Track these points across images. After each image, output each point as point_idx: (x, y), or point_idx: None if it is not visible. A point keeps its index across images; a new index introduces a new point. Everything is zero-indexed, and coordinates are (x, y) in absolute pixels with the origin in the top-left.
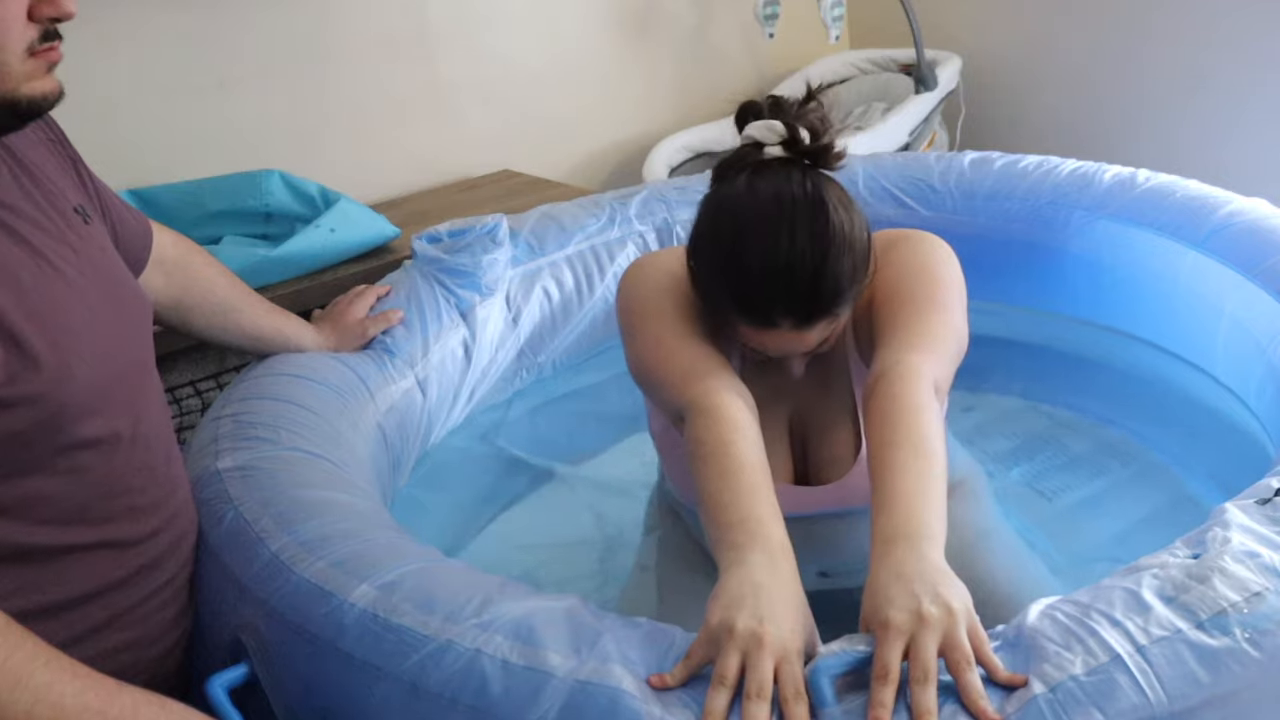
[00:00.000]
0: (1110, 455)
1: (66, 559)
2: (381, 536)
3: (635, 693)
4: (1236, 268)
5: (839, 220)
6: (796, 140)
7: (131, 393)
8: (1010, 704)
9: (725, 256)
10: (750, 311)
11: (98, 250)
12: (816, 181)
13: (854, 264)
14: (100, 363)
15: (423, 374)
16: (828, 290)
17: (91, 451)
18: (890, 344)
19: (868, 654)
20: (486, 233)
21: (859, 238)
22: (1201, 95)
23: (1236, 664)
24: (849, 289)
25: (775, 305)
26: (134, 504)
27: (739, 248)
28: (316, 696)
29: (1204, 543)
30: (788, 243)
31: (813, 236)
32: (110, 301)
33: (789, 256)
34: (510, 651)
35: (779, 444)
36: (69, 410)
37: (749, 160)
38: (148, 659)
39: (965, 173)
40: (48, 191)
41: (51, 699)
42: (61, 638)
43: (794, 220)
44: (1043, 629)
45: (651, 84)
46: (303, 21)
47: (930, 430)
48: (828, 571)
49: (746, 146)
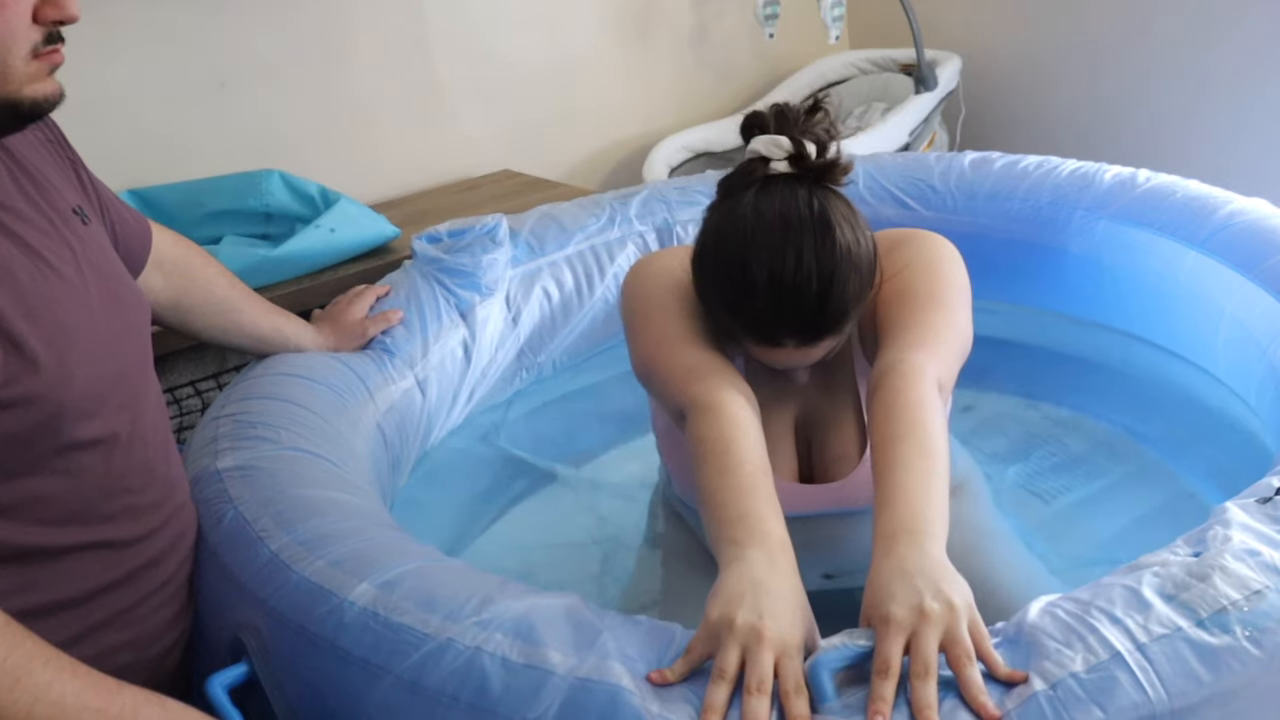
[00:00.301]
0: (1110, 455)
1: (65, 559)
2: (381, 536)
3: (635, 690)
4: (1237, 268)
5: (845, 241)
6: (803, 156)
7: (130, 393)
8: (1010, 700)
9: (731, 275)
10: (755, 330)
11: (97, 251)
12: (823, 200)
13: (860, 282)
14: (99, 364)
15: (422, 374)
16: (833, 311)
17: (90, 452)
18: (894, 342)
19: (868, 649)
20: (486, 233)
21: (865, 255)
22: (1202, 95)
23: (1237, 662)
24: (854, 307)
25: (781, 326)
26: (132, 504)
27: (745, 268)
28: (317, 695)
29: (1205, 541)
30: (794, 264)
31: (819, 258)
32: (109, 302)
33: (795, 279)
34: (510, 649)
35: (784, 442)
36: (68, 411)
37: (756, 175)
38: (147, 658)
39: (966, 173)
40: (46, 193)
41: (51, 698)
42: (60, 637)
43: (800, 242)
44: (1043, 626)
45: (651, 84)
46: (303, 22)
47: (933, 427)
48: (832, 573)
49: (753, 161)
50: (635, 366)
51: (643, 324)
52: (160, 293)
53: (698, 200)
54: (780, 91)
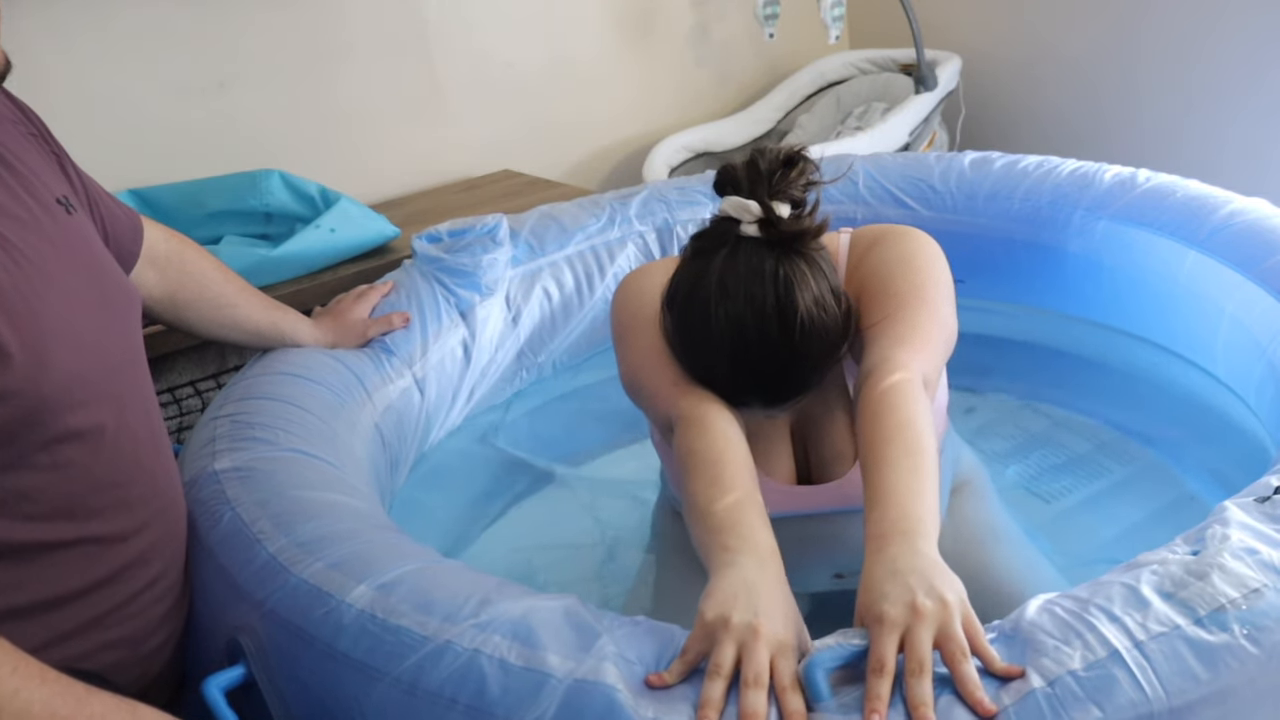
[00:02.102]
0: (1110, 455)
1: (53, 555)
2: (380, 538)
3: (633, 692)
4: (1237, 267)
5: (809, 313)
6: (772, 222)
7: (116, 384)
8: (1007, 695)
9: (695, 343)
10: (719, 392)
11: (80, 241)
12: (789, 270)
13: (825, 348)
14: (81, 354)
15: (421, 374)
16: (794, 383)
17: (75, 445)
18: (878, 341)
19: (862, 648)
20: (486, 232)
21: (831, 323)
22: (1202, 95)
23: (1235, 660)
24: (817, 375)
25: (742, 395)
26: (121, 498)
27: (708, 338)
28: (314, 698)
29: (1203, 539)
30: (756, 340)
31: (781, 333)
32: (92, 292)
33: (758, 352)
34: (508, 651)
35: (781, 446)
36: (49, 403)
37: (727, 236)
38: (137, 657)
39: (966, 173)
40: (27, 182)
41: (17, 707)
42: (46, 636)
43: (762, 318)
44: (1041, 624)
45: (651, 84)
46: (303, 21)
47: (919, 425)
48: (843, 572)
49: (724, 220)
50: (623, 380)
51: (631, 339)
52: (154, 288)
53: (698, 200)
54: (780, 91)
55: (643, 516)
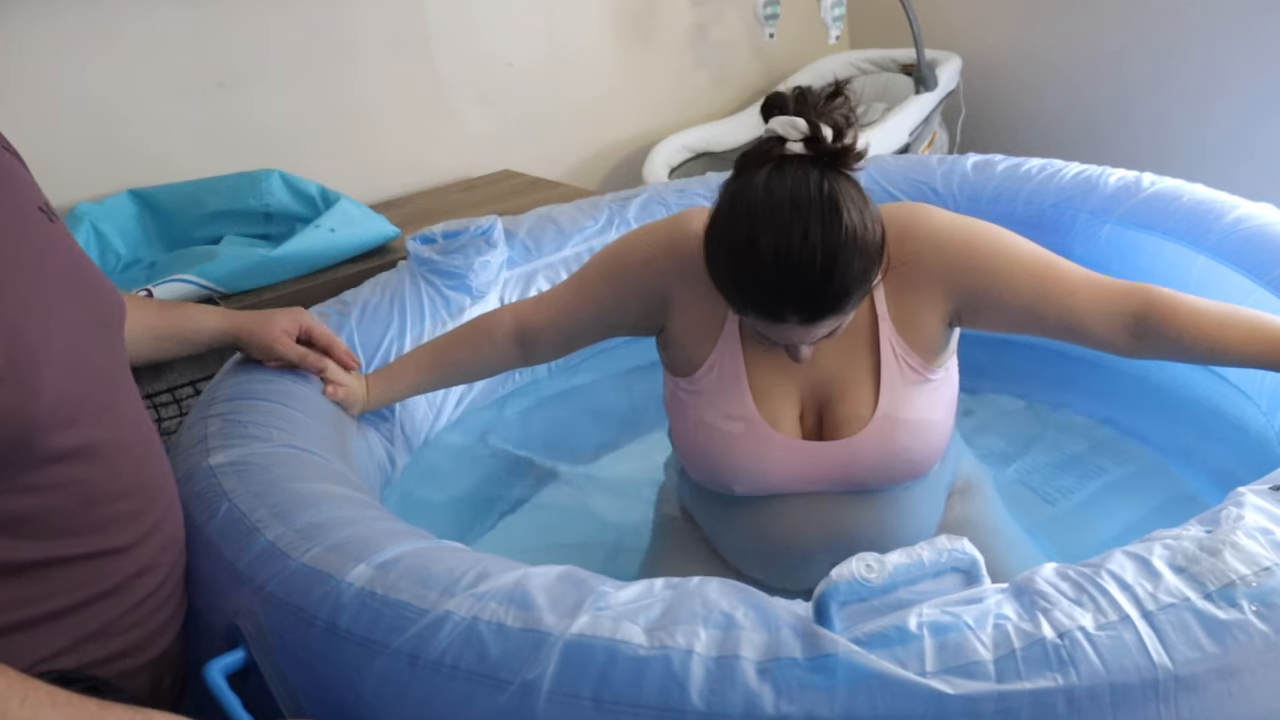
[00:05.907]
0: (1111, 455)
1: (57, 571)
2: (378, 524)
3: (633, 641)
4: (1244, 272)
5: (852, 223)
6: (818, 139)
7: (107, 397)
8: (1017, 639)
9: (738, 250)
10: (759, 305)
11: (63, 251)
12: (834, 183)
13: (864, 265)
14: (69, 370)
15: None
16: (836, 291)
17: (70, 463)
18: (1087, 299)
19: (879, 587)
20: (481, 234)
21: (871, 240)
22: (1204, 97)
23: (1243, 635)
24: (857, 289)
25: (784, 302)
26: (121, 510)
27: (752, 243)
28: (315, 676)
29: (1218, 520)
30: (799, 242)
31: (824, 238)
32: (76, 302)
33: (800, 256)
34: (506, 615)
35: (789, 403)
36: (40, 423)
37: (771, 154)
38: (145, 661)
39: (969, 176)
40: (6, 190)
41: None
42: (57, 645)
43: (807, 221)
44: (1054, 582)
45: (651, 84)
46: (303, 22)
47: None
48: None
49: (770, 140)
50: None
51: (588, 266)
52: None
53: (697, 203)
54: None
55: (643, 516)
